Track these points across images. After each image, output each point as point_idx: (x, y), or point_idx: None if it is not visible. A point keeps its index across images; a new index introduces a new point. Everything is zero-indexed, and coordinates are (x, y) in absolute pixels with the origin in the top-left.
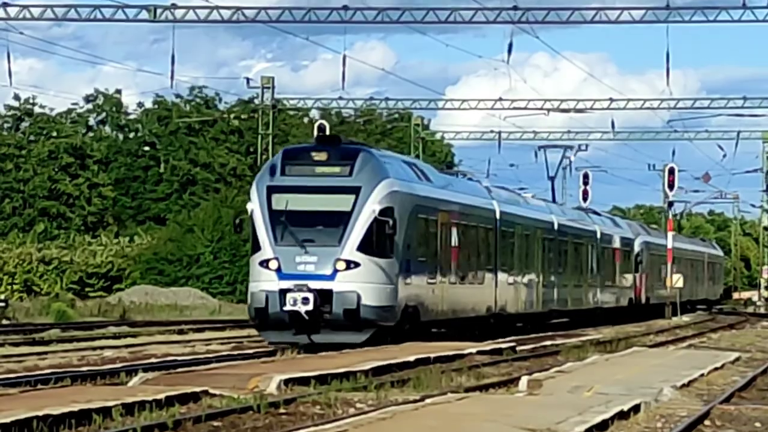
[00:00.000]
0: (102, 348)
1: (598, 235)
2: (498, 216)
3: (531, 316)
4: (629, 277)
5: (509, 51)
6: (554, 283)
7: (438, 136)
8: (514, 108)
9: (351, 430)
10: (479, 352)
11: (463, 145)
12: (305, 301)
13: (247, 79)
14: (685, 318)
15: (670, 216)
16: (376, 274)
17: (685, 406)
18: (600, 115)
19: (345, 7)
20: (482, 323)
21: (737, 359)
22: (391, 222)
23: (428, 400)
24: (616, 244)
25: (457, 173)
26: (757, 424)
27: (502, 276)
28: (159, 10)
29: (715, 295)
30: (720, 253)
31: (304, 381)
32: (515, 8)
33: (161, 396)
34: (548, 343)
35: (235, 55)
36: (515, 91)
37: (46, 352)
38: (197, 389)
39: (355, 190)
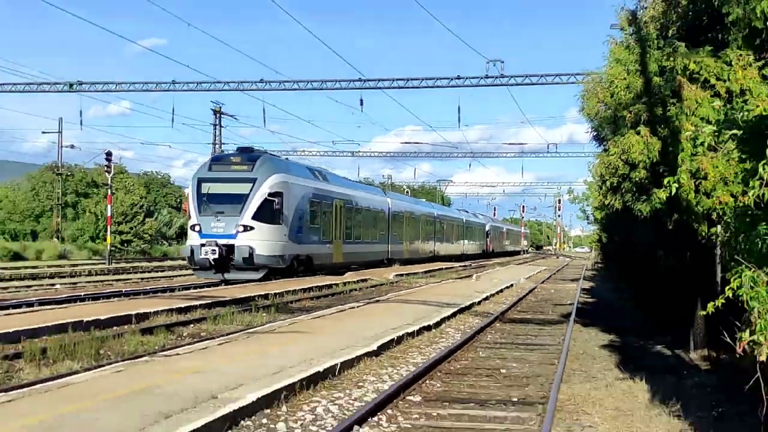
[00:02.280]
0: None
1: (464, 221)
2: (390, 206)
3: (421, 259)
4: (482, 240)
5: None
6: (434, 242)
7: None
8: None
9: (417, 290)
10: (460, 266)
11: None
12: (213, 251)
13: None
14: (527, 255)
15: (523, 219)
16: (266, 233)
17: (528, 285)
18: None
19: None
20: (380, 263)
21: (545, 269)
22: (277, 201)
23: (443, 281)
24: (475, 225)
25: (378, 186)
26: (552, 291)
27: (393, 239)
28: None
29: (520, 248)
30: (526, 231)
31: (401, 275)
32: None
33: (356, 279)
34: (483, 262)
35: None
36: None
37: None
38: (366, 277)
39: (252, 180)
